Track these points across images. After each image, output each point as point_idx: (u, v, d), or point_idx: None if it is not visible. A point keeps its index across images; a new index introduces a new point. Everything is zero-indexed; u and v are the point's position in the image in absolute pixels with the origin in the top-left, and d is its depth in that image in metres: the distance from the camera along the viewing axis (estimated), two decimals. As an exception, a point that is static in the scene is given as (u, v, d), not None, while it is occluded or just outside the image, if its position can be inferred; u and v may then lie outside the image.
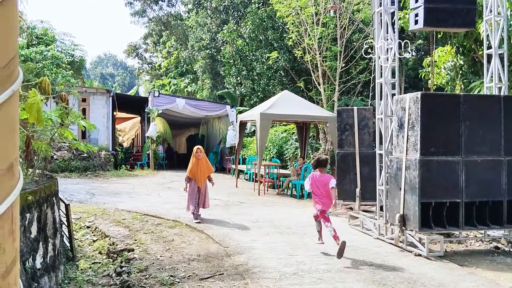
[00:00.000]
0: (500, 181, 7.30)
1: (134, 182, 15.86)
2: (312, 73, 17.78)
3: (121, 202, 11.26)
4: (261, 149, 13.45)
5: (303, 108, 14.04)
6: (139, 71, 49.99)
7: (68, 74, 16.01)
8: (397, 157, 7.59)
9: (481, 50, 10.62)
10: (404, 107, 7.43)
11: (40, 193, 5.30)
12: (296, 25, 17.51)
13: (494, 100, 7.42)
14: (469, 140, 7.19)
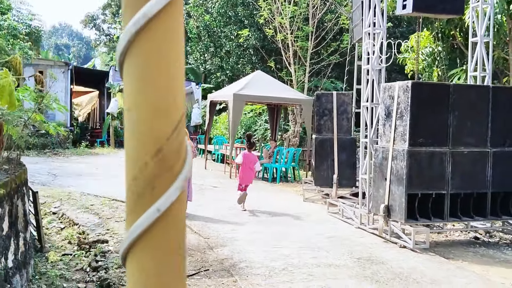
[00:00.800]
0: (485, 173, 7.27)
1: (96, 162, 15.16)
2: (283, 52, 17.40)
3: (86, 185, 10.66)
4: (233, 131, 13.06)
5: (276, 89, 13.70)
6: (96, 43, 48.00)
7: (25, 45, 14.94)
8: (383, 146, 7.42)
9: (460, 36, 10.58)
10: (392, 96, 7.22)
11: (11, 184, 4.76)
12: (268, 3, 17.01)
13: (483, 91, 7.33)
14: (457, 131, 7.09)
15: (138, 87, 0.48)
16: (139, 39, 0.47)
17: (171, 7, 0.47)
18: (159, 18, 0.47)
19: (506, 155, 7.39)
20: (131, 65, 0.48)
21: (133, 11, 0.46)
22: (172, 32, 0.49)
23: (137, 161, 0.48)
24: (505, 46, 10.53)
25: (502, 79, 10.97)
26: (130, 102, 0.49)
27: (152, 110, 0.47)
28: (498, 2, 9.15)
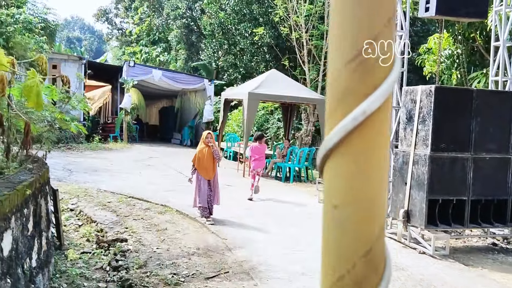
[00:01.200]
0: (506, 179, 7.19)
1: (110, 157, 15.21)
2: (297, 51, 17.33)
3: (102, 181, 10.69)
4: (247, 129, 13.04)
5: (291, 88, 13.65)
6: (108, 37, 48.10)
7: (41, 39, 14.98)
8: (403, 150, 7.36)
9: (481, 40, 10.46)
10: (414, 100, 7.16)
11: (35, 184, 4.77)
12: (283, 1, 16.93)
13: (507, 97, 7.25)
14: (479, 136, 7.01)
15: (349, 185, 0.46)
16: (352, 137, 0.45)
17: (385, 104, 0.46)
18: (375, 116, 0.45)
19: (528, 162, 7.30)
20: (340, 162, 0.46)
21: (346, 109, 0.44)
22: (383, 130, 0.47)
23: (344, 261, 0.46)
24: (527, 50, 10.39)
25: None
26: (339, 199, 0.46)
27: (363, 209, 0.45)
28: (522, 6, 9.01)
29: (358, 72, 0.48)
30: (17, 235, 4.01)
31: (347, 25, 0.49)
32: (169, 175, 12.56)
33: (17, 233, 4.01)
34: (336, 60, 0.50)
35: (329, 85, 0.52)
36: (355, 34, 0.48)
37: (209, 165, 8.04)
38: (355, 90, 0.48)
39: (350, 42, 0.48)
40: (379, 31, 0.47)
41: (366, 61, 0.48)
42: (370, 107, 0.47)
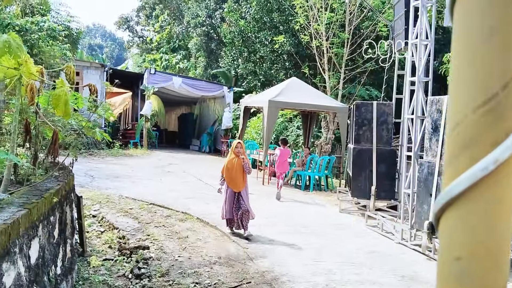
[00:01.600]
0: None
1: (131, 163, 15.33)
2: (317, 59, 17.28)
3: (123, 188, 10.76)
4: (267, 137, 13.02)
5: (311, 96, 13.61)
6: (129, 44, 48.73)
7: (65, 47, 15.22)
8: (428, 161, 7.25)
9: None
10: (440, 109, 7.05)
11: (61, 191, 4.80)
12: (304, 9, 16.93)
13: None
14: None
15: (475, 236, 0.43)
16: (480, 187, 0.43)
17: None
18: (506, 165, 0.43)
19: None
20: (465, 213, 0.43)
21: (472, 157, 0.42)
22: None
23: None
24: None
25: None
26: (462, 251, 0.44)
27: (488, 262, 0.42)
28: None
29: (489, 118, 0.45)
30: (44, 242, 4.04)
31: (476, 69, 0.46)
32: (188, 182, 12.60)
33: (44, 240, 4.04)
34: (461, 104, 0.48)
35: (451, 130, 0.49)
36: (486, 77, 0.46)
37: (239, 177, 7.64)
38: (484, 137, 0.45)
39: (480, 85, 0.46)
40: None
41: (498, 106, 0.45)
42: (502, 155, 0.44)
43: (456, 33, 0.50)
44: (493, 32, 0.45)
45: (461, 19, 0.49)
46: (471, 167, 0.45)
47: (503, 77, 0.44)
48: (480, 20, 0.47)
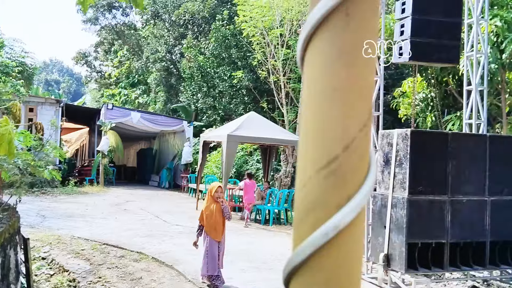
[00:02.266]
0: (484, 221, 7.22)
1: (86, 202, 14.88)
2: (275, 94, 17.56)
3: (76, 228, 10.39)
4: (227, 172, 12.95)
5: (270, 130, 13.72)
6: (87, 79, 48.14)
7: (18, 83, 14.87)
8: (381, 193, 7.36)
9: (453, 83, 10.77)
10: (391, 143, 7.23)
11: (4, 234, 4.58)
12: (261, 46, 17.28)
13: (481, 140, 7.38)
14: (456, 179, 7.07)
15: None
16: (322, 253, 0.41)
17: (359, 217, 0.42)
18: (348, 230, 0.42)
19: (504, 204, 7.37)
20: (308, 281, 0.42)
21: (315, 221, 0.41)
22: (357, 244, 0.44)
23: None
24: (498, 94, 10.74)
25: (495, 125, 11.13)
26: None
27: None
28: (491, 52, 9.36)
29: (331, 181, 0.44)
30: (-18, 290, 3.81)
31: (319, 129, 0.45)
32: (145, 219, 12.32)
33: (-18, 288, 3.81)
34: (307, 164, 0.46)
35: (298, 191, 0.48)
36: (327, 139, 0.44)
37: (219, 223, 6.89)
38: (326, 200, 0.44)
39: (322, 148, 0.45)
40: (354, 137, 0.44)
41: (339, 168, 0.44)
42: (343, 220, 0.43)
43: (303, 89, 0.48)
44: (335, 92, 0.45)
45: (308, 75, 0.48)
46: (313, 232, 0.44)
47: (344, 138, 0.44)
48: (324, 79, 0.46)
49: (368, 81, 0.44)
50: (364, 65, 0.44)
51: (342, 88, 0.44)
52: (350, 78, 0.44)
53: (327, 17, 0.43)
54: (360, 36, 0.43)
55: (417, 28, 7.65)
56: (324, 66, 0.45)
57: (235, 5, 19.42)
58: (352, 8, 0.43)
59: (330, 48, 0.43)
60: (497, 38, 9.42)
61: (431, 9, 7.70)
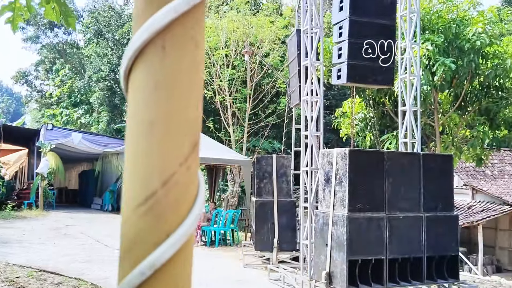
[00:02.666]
0: (420, 237, 7.49)
1: (23, 226, 14.17)
2: (221, 113, 17.61)
3: (12, 254, 9.86)
4: (171, 193, 12.77)
5: (216, 150, 13.70)
6: (27, 99, 46.33)
7: None
8: (323, 211, 7.49)
9: (390, 104, 11.22)
10: (331, 162, 7.40)
11: None
12: (206, 66, 17.33)
13: (414, 158, 7.69)
14: (393, 196, 7.31)
15: None
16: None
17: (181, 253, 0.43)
18: (167, 268, 0.42)
19: (439, 219, 7.69)
20: None
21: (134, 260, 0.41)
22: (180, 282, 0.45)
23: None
24: (431, 114, 11.28)
25: (429, 144, 11.65)
26: None
27: None
28: (424, 74, 9.85)
29: (148, 218, 0.44)
30: None
31: (137, 165, 0.45)
32: (85, 244, 11.89)
33: None
34: (127, 202, 0.46)
35: (121, 228, 0.47)
36: (145, 175, 0.44)
37: None
38: (144, 238, 0.44)
39: (140, 184, 0.45)
40: (174, 171, 0.45)
41: (157, 205, 0.44)
42: (160, 258, 0.44)
43: (127, 118, 0.48)
44: (152, 127, 0.45)
45: (129, 108, 0.47)
46: (131, 271, 0.44)
47: (162, 173, 0.44)
48: (141, 113, 0.46)
49: (190, 114, 0.45)
50: (184, 98, 0.45)
51: (159, 122, 0.43)
52: (168, 112, 0.44)
53: (143, 49, 0.43)
54: (178, 69, 0.44)
55: (354, 51, 7.95)
56: (141, 100, 0.44)
57: (180, 25, 19.44)
58: (169, 41, 0.44)
59: (147, 81, 0.43)
60: (429, 61, 9.94)
61: (366, 33, 8.03)
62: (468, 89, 11.00)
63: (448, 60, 9.63)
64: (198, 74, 0.47)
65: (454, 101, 11.20)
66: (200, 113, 0.48)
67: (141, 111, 0.44)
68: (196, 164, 0.47)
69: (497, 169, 18.84)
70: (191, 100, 0.46)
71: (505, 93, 10.99)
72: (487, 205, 16.24)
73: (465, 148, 11.40)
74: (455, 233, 7.87)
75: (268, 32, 17.25)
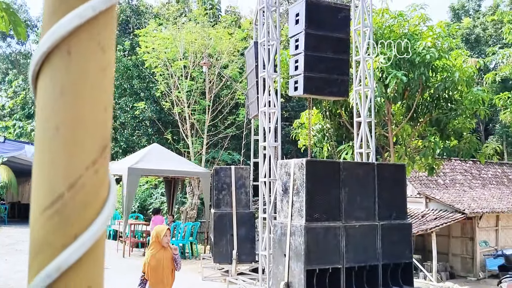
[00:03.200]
0: (375, 245, 7.64)
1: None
2: (180, 125, 17.48)
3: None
4: (128, 206, 12.53)
5: (174, 162, 13.56)
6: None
7: None
8: (281, 222, 7.53)
9: (346, 115, 11.46)
10: (288, 172, 7.47)
11: None
12: (164, 77, 17.21)
13: (369, 168, 7.86)
14: (349, 205, 7.44)
15: None
16: None
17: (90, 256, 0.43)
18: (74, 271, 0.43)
19: (393, 228, 7.87)
20: None
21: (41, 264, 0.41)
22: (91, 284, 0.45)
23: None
24: (385, 125, 11.60)
25: (384, 154, 11.96)
26: None
27: None
28: (377, 86, 10.14)
29: (55, 221, 0.44)
30: None
31: (44, 169, 0.45)
32: (39, 260, 11.46)
33: None
34: (34, 206, 0.46)
35: (30, 232, 0.48)
36: (52, 179, 0.45)
37: (168, 277, 5.63)
38: (51, 241, 0.44)
39: (46, 188, 0.45)
40: (81, 175, 0.45)
41: (64, 208, 0.45)
42: (67, 261, 0.44)
43: (35, 123, 0.47)
44: (58, 131, 0.45)
45: (36, 113, 0.47)
46: (39, 274, 0.44)
47: (68, 177, 0.45)
48: (47, 118, 0.46)
49: (97, 118, 0.46)
50: (91, 103, 0.46)
51: (64, 127, 0.44)
52: (74, 116, 0.44)
53: (49, 55, 0.44)
54: (84, 74, 0.45)
55: (310, 63, 8.10)
56: (48, 105, 0.44)
57: (137, 35, 19.27)
58: (74, 47, 0.45)
59: (53, 86, 0.44)
60: (382, 74, 10.25)
61: (321, 47, 8.21)
62: (419, 101, 11.40)
63: (400, 73, 9.97)
64: (106, 78, 0.47)
65: (406, 112, 11.57)
66: (110, 117, 0.49)
67: (47, 116, 0.45)
68: (106, 167, 0.48)
69: (448, 178, 19.51)
70: (98, 104, 0.46)
71: (454, 105, 11.45)
72: (440, 213, 16.77)
73: (418, 158, 11.77)
74: (408, 240, 8.08)
75: (227, 44, 17.33)
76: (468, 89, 11.27)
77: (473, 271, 17.32)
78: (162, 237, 5.52)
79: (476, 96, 11.20)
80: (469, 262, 17.62)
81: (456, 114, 11.49)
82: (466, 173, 20.35)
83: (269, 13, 8.58)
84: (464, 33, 30.53)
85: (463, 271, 17.75)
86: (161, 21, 18.82)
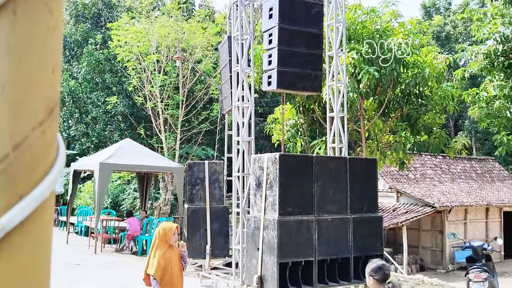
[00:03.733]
0: (347, 238, 7.74)
1: None
2: (153, 120, 17.31)
3: None
4: (100, 202, 12.35)
5: (147, 157, 13.44)
6: None
7: None
8: (254, 216, 7.56)
9: (319, 110, 11.55)
10: (262, 167, 7.49)
11: None
12: (137, 71, 17.00)
13: (341, 162, 7.95)
14: (321, 199, 7.52)
15: None
16: None
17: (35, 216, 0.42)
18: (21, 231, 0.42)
19: (364, 221, 7.99)
20: None
21: None
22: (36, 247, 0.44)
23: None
24: (357, 120, 11.75)
25: (356, 149, 12.12)
26: None
27: None
28: (350, 82, 10.24)
29: (0, 181, 0.44)
30: None
31: None
32: None
33: None
34: None
35: None
36: None
37: (177, 277, 5.44)
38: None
39: None
40: (26, 136, 0.45)
41: (8, 168, 0.44)
42: (12, 220, 0.44)
43: None
44: (4, 90, 0.45)
45: None
46: None
47: (13, 137, 0.44)
48: None
49: (43, 79, 0.46)
50: (37, 63, 0.45)
51: (10, 86, 0.44)
52: (19, 76, 0.44)
53: None
54: (30, 35, 0.45)
55: (283, 58, 8.12)
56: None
57: (109, 29, 18.97)
58: (20, 6, 0.44)
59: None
60: (355, 69, 10.37)
61: (295, 41, 8.24)
62: (391, 97, 11.58)
63: (372, 69, 10.10)
64: (54, 40, 0.47)
65: (378, 107, 11.74)
66: (57, 79, 0.48)
67: None
68: (54, 129, 0.47)
69: (419, 172, 19.92)
70: (45, 65, 0.46)
71: (425, 101, 11.68)
72: (411, 207, 17.11)
73: (389, 153, 11.97)
74: (379, 233, 8.21)
75: (201, 38, 17.22)
76: (438, 85, 11.51)
77: (443, 263, 17.75)
78: (170, 236, 5.31)
79: (445, 92, 11.46)
80: (439, 255, 18.04)
81: (426, 110, 11.73)
82: (436, 168, 20.82)
83: (243, 7, 8.57)
84: (435, 31, 31.15)
85: (433, 263, 18.17)
86: (134, 14, 18.55)
